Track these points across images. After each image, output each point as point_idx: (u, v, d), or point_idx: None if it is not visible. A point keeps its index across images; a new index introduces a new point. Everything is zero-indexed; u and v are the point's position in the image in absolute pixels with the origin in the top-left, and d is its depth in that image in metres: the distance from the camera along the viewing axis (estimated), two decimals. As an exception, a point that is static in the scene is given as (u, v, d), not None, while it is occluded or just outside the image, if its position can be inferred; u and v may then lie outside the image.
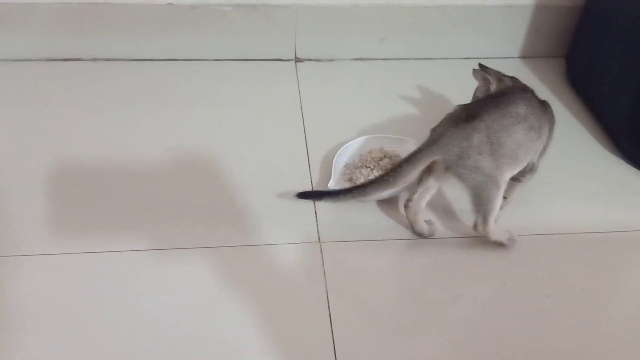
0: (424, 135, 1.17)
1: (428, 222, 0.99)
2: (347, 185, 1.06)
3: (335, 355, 0.81)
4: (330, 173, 1.05)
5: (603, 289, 0.93)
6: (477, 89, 1.08)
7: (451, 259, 0.97)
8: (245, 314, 0.85)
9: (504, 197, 0.95)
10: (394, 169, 0.91)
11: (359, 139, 1.13)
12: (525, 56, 1.47)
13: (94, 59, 1.36)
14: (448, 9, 1.37)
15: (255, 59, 1.40)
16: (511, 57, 1.47)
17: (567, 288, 0.92)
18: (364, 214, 1.02)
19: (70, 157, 1.10)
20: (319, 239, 0.97)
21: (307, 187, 1.06)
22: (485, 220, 0.92)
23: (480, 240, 0.98)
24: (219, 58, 1.39)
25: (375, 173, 1.05)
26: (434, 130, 0.93)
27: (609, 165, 1.17)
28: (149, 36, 1.35)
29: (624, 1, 1.19)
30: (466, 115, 0.90)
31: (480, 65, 1.08)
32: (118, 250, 0.93)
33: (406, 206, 0.97)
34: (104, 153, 1.11)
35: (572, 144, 1.22)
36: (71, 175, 1.06)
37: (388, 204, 1.04)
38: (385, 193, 0.97)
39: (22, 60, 1.34)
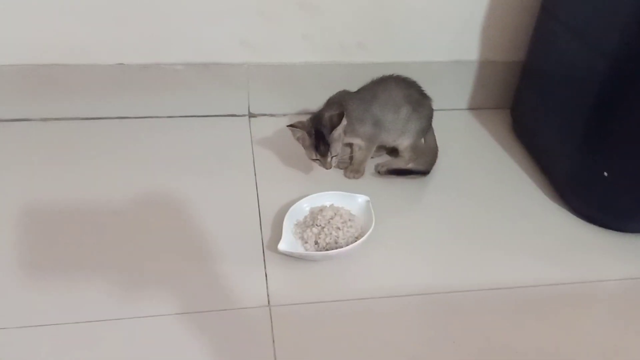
0: (376, 190, 1.19)
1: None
2: (298, 244, 1.06)
3: None
4: (281, 233, 1.05)
5: (552, 343, 0.94)
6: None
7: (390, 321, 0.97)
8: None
9: None
10: None
11: (310, 196, 1.13)
12: (472, 108, 1.52)
13: (44, 119, 1.34)
14: (397, 65, 1.40)
15: (209, 115, 1.41)
16: (460, 109, 1.52)
17: (511, 343, 0.93)
18: (316, 275, 1.02)
19: (11, 218, 1.07)
20: (268, 303, 0.95)
21: (258, 248, 1.05)
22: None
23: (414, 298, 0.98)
24: (172, 115, 1.40)
25: (326, 231, 1.05)
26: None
27: (554, 216, 1.20)
28: (101, 95, 1.35)
29: (561, 58, 1.24)
30: None
31: (288, 126, 1.19)
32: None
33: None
34: (50, 209, 1.09)
35: (518, 195, 1.25)
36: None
37: (341, 263, 1.04)
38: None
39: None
